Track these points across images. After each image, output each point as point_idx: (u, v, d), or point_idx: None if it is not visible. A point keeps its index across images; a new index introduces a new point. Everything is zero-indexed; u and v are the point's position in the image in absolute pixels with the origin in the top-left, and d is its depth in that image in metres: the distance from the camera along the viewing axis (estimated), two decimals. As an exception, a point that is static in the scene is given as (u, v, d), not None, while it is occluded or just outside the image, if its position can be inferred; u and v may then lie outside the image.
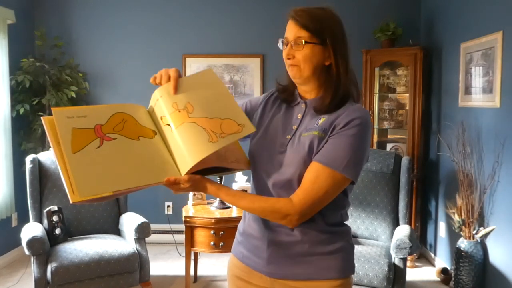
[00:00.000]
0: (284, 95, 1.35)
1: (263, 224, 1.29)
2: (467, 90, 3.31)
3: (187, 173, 1.14)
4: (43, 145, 3.95)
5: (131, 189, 1.10)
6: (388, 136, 4.24)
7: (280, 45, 1.28)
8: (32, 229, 2.81)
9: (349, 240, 1.31)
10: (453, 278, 3.14)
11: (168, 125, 1.17)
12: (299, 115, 1.29)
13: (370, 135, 1.25)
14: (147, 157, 1.15)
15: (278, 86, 1.37)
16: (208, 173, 1.21)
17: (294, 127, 1.28)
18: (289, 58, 1.24)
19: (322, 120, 1.23)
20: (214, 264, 3.81)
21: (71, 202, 1.02)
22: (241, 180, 3.37)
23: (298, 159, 1.22)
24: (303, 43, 1.21)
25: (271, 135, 1.30)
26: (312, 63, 1.23)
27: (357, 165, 1.19)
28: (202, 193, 3.40)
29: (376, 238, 3.10)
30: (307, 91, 1.30)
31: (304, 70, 1.23)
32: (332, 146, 1.18)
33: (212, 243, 2.97)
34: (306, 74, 1.24)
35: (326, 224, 1.25)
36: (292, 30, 1.23)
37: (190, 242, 3.05)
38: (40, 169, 3.14)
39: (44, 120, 1.13)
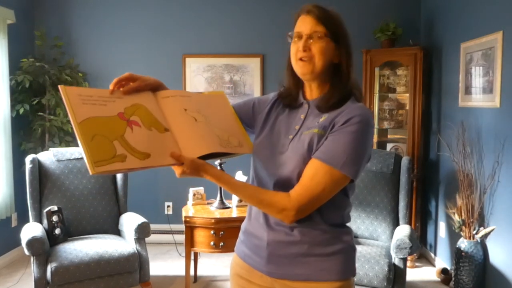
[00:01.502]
0: (287, 100, 1.35)
1: (264, 223, 1.29)
2: (467, 90, 3.31)
3: None
4: (43, 145, 3.95)
5: (141, 168, 1.14)
6: (388, 136, 4.24)
7: (289, 39, 1.28)
8: (32, 229, 2.81)
9: (350, 241, 1.30)
10: (453, 278, 3.14)
11: (194, 117, 1.25)
12: (302, 115, 1.30)
13: (372, 134, 1.26)
14: (155, 143, 1.18)
15: (280, 91, 1.38)
16: (210, 157, 1.24)
17: (297, 127, 1.28)
18: (304, 50, 1.23)
19: (323, 118, 1.24)
20: (214, 264, 3.81)
21: (90, 173, 1.06)
22: (241, 179, 3.36)
23: (297, 156, 1.22)
24: (324, 37, 1.22)
25: (275, 135, 1.31)
26: (326, 58, 1.24)
27: (356, 163, 1.18)
28: (202, 193, 3.40)
29: (376, 238, 3.10)
30: (313, 89, 1.30)
31: (318, 63, 1.23)
32: (331, 143, 1.19)
33: (212, 243, 2.97)
34: (318, 68, 1.24)
35: (325, 224, 1.25)
36: (308, 24, 1.24)
37: (190, 242, 3.04)
38: (40, 169, 3.13)
39: (61, 88, 1.13)
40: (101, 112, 1.13)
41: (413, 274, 3.65)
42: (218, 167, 3.09)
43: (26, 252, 2.70)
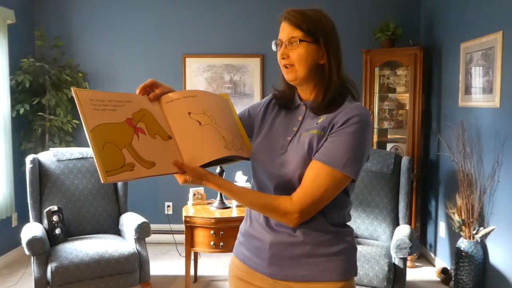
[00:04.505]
0: (282, 101, 1.35)
1: (265, 225, 1.29)
2: (467, 90, 3.31)
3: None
4: (43, 145, 3.95)
5: (147, 177, 1.16)
6: (388, 136, 4.24)
7: (274, 47, 1.28)
8: (32, 229, 2.81)
9: (351, 241, 1.31)
10: (453, 278, 3.14)
11: (198, 121, 1.25)
12: (299, 117, 1.30)
13: (371, 133, 1.26)
14: (159, 152, 1.20)
15: (275, 93, 1.38)
16: (213, 163, 1.24)
17: (295, 128, 1.28)
18: (283, 58, 1.24)
19: (321, 119, 1.24)
20: (214, 264, 3.81)
21: (102, 182, 1.09)
22: (241, 180, 3.37)
23: (298, 158, 1.22)
24: (298, 42, 1.22)
25: (273, 138, 1.31)
26: (307, 63, 1.23)
27: (356, 163, 1.19)
28: (202, 193, 3.40)
29: (376, 238, 3.10)
30: (306, 92, 1.31)
31: (300, 70, 1.24)
32: (331, 144, 1.19)
33: (212, 243, 2.97)
34: (301, 74, 1.24)
35: (328, 224, 1.25)
36: (285, 31, 1.24)
37: (190, 242, 3.05)
38: (40, 169, 3.14)
39: (74, 91, 1.15)
40: (111, 118, 1.15)
41: (413, 274, 3.65)
42: (218, 169, 3.09)
43: (26, 252, 2.70)
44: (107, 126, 1.14)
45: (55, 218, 2.95)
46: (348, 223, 1.34)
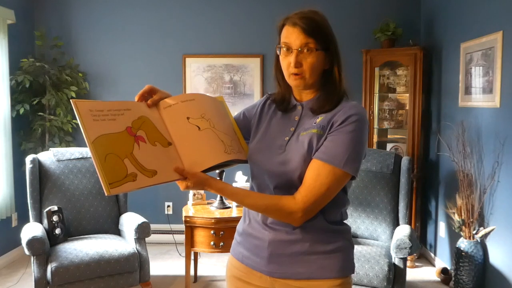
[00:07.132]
0: (283, 106, 1.34)
1: (263, 224, 1.30)
2: (467, 90, 3.32)
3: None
4: (43, 145, 3.95)
5: (150, 186, 1.16)
6: (388, 136, 4.24)
7: (278, 51, 1.27)
8: (32, 229, 2.81)
9: (349, 239, 1.32)
10: (453, 278, 3.14)
11: (197, 126, 1.25)
12: (296, 117, 1.31)
13: (368, 131, 1.28)
14: (160, 159, 1.20)
15: (273, 97, 1.38)
16: (212, 168, 1.25)
17: (292, 128, 1.29)
18: (296, 67, 1.22)
19: (320, 118, 1.25)
20: (214, 264, 3.81)
21: (106, 194, 1.09)
22: (241, 180, 3.37)
23: (298, 157, 1.22)
24: (314, 50, 1.21)
25: (270, 138, 1.31)
26: (317, 71, 1.25)
27: (356, 160, 1.20)
28: (202, 193, 3.40)
29: (376, 238, 3.10)
30: (303, 93, 1.32)
31: (309, 78, 1.24)
32: (331, 143, 1.20)
33: (212, 243, 2.97)
34: (310, 81, 1.25)
35: (327, 222, 1.26)
36: (297, 37, 1.21)
37: (190, 242, 3.05)
38: (40, 169, 3.14)
39: (73, 103, 1.14)
40: (111, 128, 1.15)
41: (413, 274, 3.65)
42: (217, 170, 3.09)
43: (26, 252, 2.70)
44: (107, 136, 1.13)
45: (55, 218, 2.95)
46: (346, 221, 1.35)
